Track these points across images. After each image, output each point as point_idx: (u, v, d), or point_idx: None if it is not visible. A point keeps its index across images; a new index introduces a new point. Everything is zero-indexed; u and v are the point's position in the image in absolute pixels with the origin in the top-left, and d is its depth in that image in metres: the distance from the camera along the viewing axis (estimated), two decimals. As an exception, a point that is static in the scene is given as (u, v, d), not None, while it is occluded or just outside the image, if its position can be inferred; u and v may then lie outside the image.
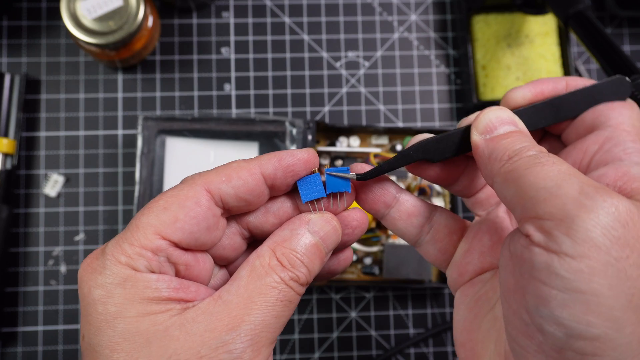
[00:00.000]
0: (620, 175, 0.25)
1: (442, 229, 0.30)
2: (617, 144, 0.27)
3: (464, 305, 0.29)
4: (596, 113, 0.28)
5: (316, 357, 0.54)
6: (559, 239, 0.22)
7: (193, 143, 0.51)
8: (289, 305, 0.26)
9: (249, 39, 0.57)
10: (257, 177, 0.27)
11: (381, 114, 0.57)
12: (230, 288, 0.25)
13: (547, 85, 0.29)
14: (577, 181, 0.23)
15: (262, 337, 0.24)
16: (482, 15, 0.57)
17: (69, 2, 0.49)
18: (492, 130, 0.26)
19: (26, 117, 0.55)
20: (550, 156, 0.24)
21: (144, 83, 0.56)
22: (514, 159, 0.24)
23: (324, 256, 0.28)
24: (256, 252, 0.27)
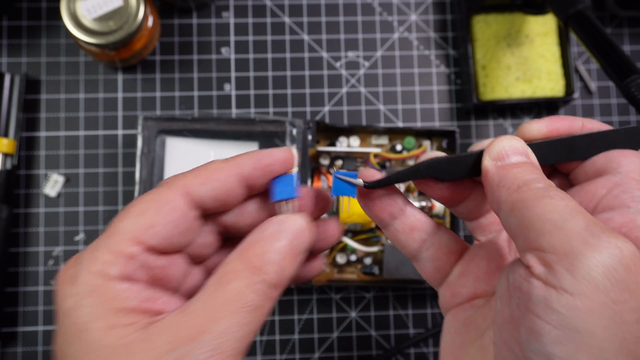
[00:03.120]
0: (626, 222, 0.25)
1: (442, 247, 0.30)
2: (625, 190, 0.26)
3: (453, 329, 0.29)
4: (608, 158, 0.28)
5: (316, 357, 0.54)
6: (559, 274, 0.22)
7: (193, 143, 0.51)
8: (257, 312, 0.25)
9: (249, 39, 0.58)
10: (235, 178, 0.27)
11: (381, 114, 0.57)
12: (197, 297, 0.24)
13: (563, 123, 0.29)
14: (584, 218, 0.22)
15: (226, 347, 0.23)
16: (482, 15, 0.57)
17: (69, 2, 0.49)
18: (504, 157, 0.26)
19: (26, 117, 0.55)
20: (558, 191, 0.24)
21: (144, 83, 0.56)
22: (522, 189, 0.24)
23: (297, 256, 0.27)
24: (226, 258, 0.26)
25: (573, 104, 0.58)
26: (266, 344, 0.54)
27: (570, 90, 0.56)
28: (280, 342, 0.54)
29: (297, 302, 0.55)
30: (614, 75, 0.39)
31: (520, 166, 0.26)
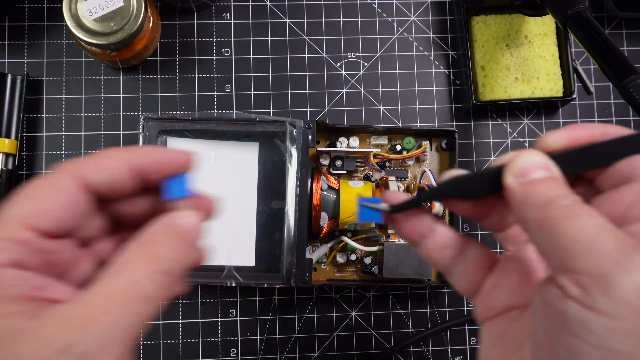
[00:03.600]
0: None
1: (474, 262, 0.30)
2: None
3: (490, 341, 0.29)
4: (632, 164, 0.27)
5: (316, 356, 0.54)
6: (595, 296, 0.22)
7: (194, 143, 0.51)
8: (152, 302, 0.25)
9: (250, 40, 0.58)
10: (127, 168, 0.27)
11: (381, 114, 0.58)
12: (91, 287, 0.24)
13: (583, 132, 0.28)
14: (615, 237, 0.22)
15: (116, 337, 0.23)
16: (481, 16, 0.57)
17: (70, 3, 0.50)
18: (526, 174, 0.26)
19: (27, 117, 0.55)
20: (585, 207, 0.24)
21: (145, 83, 0.57)
22: (549, 207, 0.24)
23: (191, 249, 0.27)
24: (122, 249, 0.26)
25: (572, 104, 0.59)
26: (266, 343, 0.54)
27: (569, 91, 0.56)
28: (280, 341, 0.54)
29: (297, 301, 0.55)
30: (612, 76, 0.40)
31: (544, 182, 0.25)
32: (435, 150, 0.55)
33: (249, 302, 0.55)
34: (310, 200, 0.50)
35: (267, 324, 0.55)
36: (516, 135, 0.58)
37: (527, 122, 0.58)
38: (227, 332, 0.54)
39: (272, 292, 0.55)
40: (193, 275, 0.50)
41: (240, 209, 0.51)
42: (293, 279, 0.49)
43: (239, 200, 0.51)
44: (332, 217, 0.50)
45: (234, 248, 0.51)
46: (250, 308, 0.55)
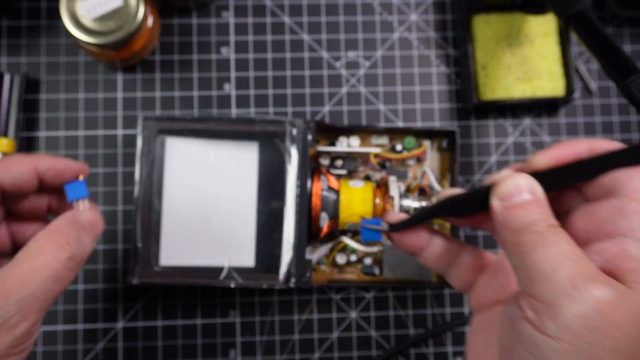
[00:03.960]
0: (618, 253, 0.28)
1: (467, 266, 0.34)
2: (625, 216, 0.28)
3: (477, 329, 0.33)
4: (613, 179, 0.29)
5: (316, 357, 0.54)
6: (544, 321, 0.26)
7: (193, 143, 0.51)
8: (61, 281, 0.33)
9: (249, 39, 0.57)
10: (32, 172, 0.35)
11: (381, 114, 0.57)
12: (9, 266, 0.32)
13: (568, 149, 0.30)
14: (571, 268, 0.26)
15: (31, 306, 0.31)
16: (482, 15, 0.57)
17: (68, 2, 0.49)
18: (509, 198, 0.29)
19: (26, 117, 0.55)
20: (555, 235, 0.27)
21: (144, 83, 0.56)
22: (523, 233, 0.27)
23: (94, 239, 0.36)
24: (34, 237, 0.34)
25: (573, 104, 0.58)
26: (266, 345, 0.54)
27: (571, 90, 0.56)
28: (280, 342, 0.54)
29: (296, 303, 0.55)
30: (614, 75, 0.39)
31: (523, 207, 0.28)
32: (436, 150, 0.55)
33: (248, 303, 0.54)
34: (310, 201, 0.49)
35: (266, 325, 0.54)
36: (517, 135, 0.58)
37: (528, 121, 0.58)
38: (226, 333, 0.54)
39: (271, 293, 0.55)
40: (192, 275, 0.50)
41: (240, 209, 0.51)
42: (293, 279, 0.48)
43: (239, 200, 0.51)
44: (332, 218, 0.50)
45: (233, 249, 0.50)
46: (250, 309, 0.54)
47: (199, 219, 0.51)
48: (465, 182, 0.57)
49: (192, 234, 0.51)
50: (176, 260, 0.50)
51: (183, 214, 0.51)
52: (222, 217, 0.51)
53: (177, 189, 0.51)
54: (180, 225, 0.51)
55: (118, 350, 0.53)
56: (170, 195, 0.51)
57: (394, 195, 0.49)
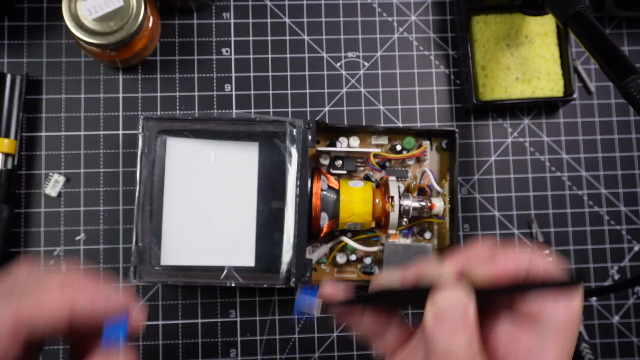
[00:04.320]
0: None
1: (391, 340, 0.36)
2: (542, 355, 0.30)
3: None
4: (540, 310, 0.31)
5: (316, 356, 0.54)
6: None
7: (194, 143, 0.51)
8: None
9: (250, 39, 0.58)
10: (66, 314, 0.30)
11: (381, 114, 0.58)
12: None
13: (508, 267, 0.31)
14: None
15: None
16: (482, 16, 0.57)
17: (69, 3, 0.50)
18: (441, 317, 0.30)
19: (27, 117, 0.55)
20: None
21: (145, 83, 0.56)
22: (445, 357, 0.29)
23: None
24: None
25: (572, 104, 0.59)
26: (266, 344, 0.54)
27: (570, 91, 0.56)
28: (280, 341, 0.54)
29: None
30: (613, 76, 0.40)
31: (452, 333, 0.30)
32: (436, 150, 0.55)
33: (248, 303, 0.55)
34: (310, 200, 0.50)
35: (266, 325, 0.54)
36: (517, 135, 0.58)
37: (527, 121, 0.58)
38: (226, 332, 0.54)
39: (271, 292, 0.55)
40: (193, 275, 0.50)
41: (240, 209, 0.51)
42: (293, 279, 0.49)
43: (239, 200, 0.51)
44: (332, 217, 0.50)
45: (234, 248, 0.51)
46: (250, 308, 0.55)
47: (200, 218, 0.51)
48: (465, 183, 0.57)
49: (193, 234, 0.51)
50: (177, 260, 0.50)
51: (184, 213, 0.51)
52: (222, 216, 0.51)
53: (177, 188, 0.51)
54: (181, 225, 0.51)
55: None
56: (171, 195, 0.51)
57: (394, 195, 0.49)
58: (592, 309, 0.56)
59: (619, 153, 0.58)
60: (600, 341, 0.56)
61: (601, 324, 0.56)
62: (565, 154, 0.58)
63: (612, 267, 0.57)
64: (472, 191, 0.57)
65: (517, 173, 0.58)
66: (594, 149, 0.58)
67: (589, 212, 0.58)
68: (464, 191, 0.57)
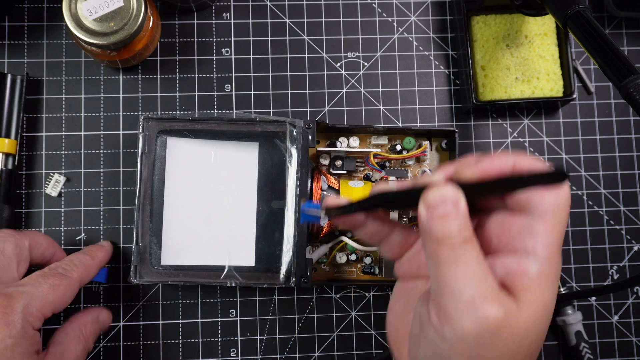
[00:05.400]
0: (518, 270, 0.32)
1: (396, 244, 0.38)
2: (531, 234, 0.32)
3: (397, 295, 0.39)
4: (528, 198, 0.33)
5: (316, 356, 0.54)
6: (444, 329, 0.31)
7: (194, 143, 0.51)
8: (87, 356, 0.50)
9: (250, 40, 0.58)
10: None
11: (381, 114, 0.58)
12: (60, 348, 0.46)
13: (494, 166, 0.33)
14: (473, 288, 0.30)
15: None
16: (482, 16, 0.57)
17: (70, 3, 0.50)
18: (434, 207, 0.32)
19: (27, 117, 0.55)
20: (466, 252, 0.31)
21: (145, 83, 0.57)
22: (440, 244, 0.31)
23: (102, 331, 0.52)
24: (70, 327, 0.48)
25: (572, 104, 0.59)
26: (266, 343, 0.54)
27: (569, 91, 0.56)
28: (280, 341, 0.54)
29: (297, 301, 0.55)
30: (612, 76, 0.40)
31: (444, 218, 0.31)
32: (436, 150, 0.55)
33: (248, 302, 0.55)
34: (311, 200, 0.50)
35: (267, 324, 0.55)
36: (516, 135, 0.58)
37: (527, 122, 0.58)
38: (227, 332, 0.54)
39: (272, 292, 0.55)
40: (193, 275, 0.50)
41: (240, 209, 0.51)
42: (293, 279, 0.49)
43: (239, 200, 0.51)
44: (332, 217, 0.50)
45: (234, 248, 0.51)
46: (250, 308, 0.55)
47: (200, 218, 0.51)
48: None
49: (193, 234, 0.51)
50: (177, 260, 0.51)
51: (184, 213, 0.51)
52: (222, 216, 0.51)
53: (178, 188, 0.51)
54: (181, 225, 0.51)
55: (119, 348, 0.54)
56: (171, 195, 0.51)
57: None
58: (591, 309, 0.57)
59: (618, 153, 0.58)
60: (600, 341, 0.56)
61: (600, 324, 0.56)
62: (564, 154, 0.58)
63: (611, 267, 0.57)
64: (471, 191, 0.57)
65: (517, 173, 0.58)
66: (594, 149, 0.58)
67: (588, 212, 0.58)
68: (464, 191, 0.57)
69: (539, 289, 0.32)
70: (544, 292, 0.32)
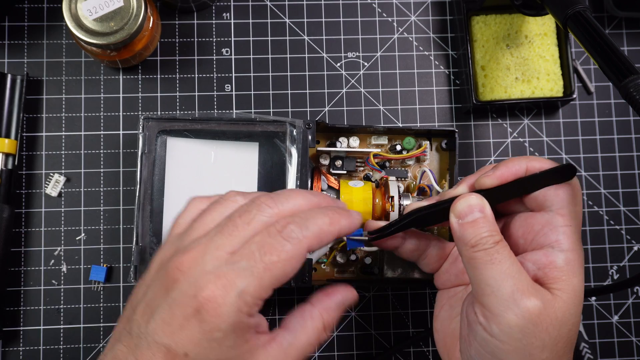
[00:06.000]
0: (547, 263, 0.36)
1: (433, 257, 0.43)
2: (553, 229, 0.36)
3: (442, 304, 0.42)
4: (544, 195, 0.37)
5: (316, 356, 0.54)
6: (492, 327, 0.34)
7: (194, 143, 0.51)
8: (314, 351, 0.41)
9: (250, 40, 0.58)
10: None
11: (381, 114, 0.58)
12: (288, 338, 0.35)
13: (509, 171, 0.38)
14: (511, 285, 0.34)
15: None
16: (482, 16, 0.57)
17: (70, 3, 0.50)
18: (463, 216, 0.36)
19: (27, 117, 0.55)
20: (499, 253, 0.34)
21: (145, 83, 0.57)
22: (475, 249, 0.35)
23: None
24: (310, 313, 0.36)
25: (572, 104, 0.59)
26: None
27: (569, 91, 0.56)
28: (280, 341, 0.54)
29: (297, 301, 0.55)
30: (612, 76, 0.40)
31: (475, 224, 0.35)
32: (435, 150, 0.55)
33: (249, 302, 0.55)
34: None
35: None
36: (516, 135, 0.58)
37: (527, 122, 0.58)
38: (227, 332, 0.54)
39: (272, 292, 0.55)
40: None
41: (240, 209, 0.51)
42: (293, 279, 0.49)
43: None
44: (332, 217, 0.50)
45: (234, 248, 0.51)
46: (250, 308, 0.55)
47: (200, 218, 0.51)
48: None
49: (193, 234, 0.51)
50: (177, 260, 0.50)
51: (184, 213, 0.51)
52: (222, 216, 0.51)
53: (178, 188, 0.51)
54: (181, 225, 0.51)
55: (119, 349, 0.53)
56: (171, 195, 0.51)
57: (394, 195, 0.50)
58: (591, 309, 0.57)
59: (618, 153, 0.58)
60: (600, 341, 0.56)
61: (600, 324, 0.56)
62: (564, 154, 0.58)
63: (611, 267, 0.57)
64: (471, 191, 0.57)
65: (517, 173, 0.58)
66: (594, 149, 0.58)
67: (588, 212, 0.58)
68: (464, 191, 0.57)
69: (568, 276, 0.35)
70: (573, 279, 0.35)
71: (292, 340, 0.35)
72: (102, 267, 0.53)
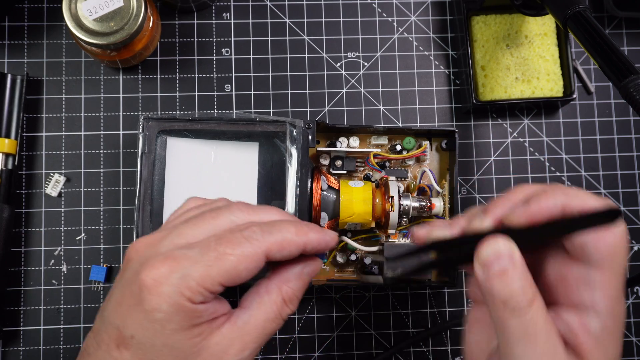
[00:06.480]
0: (580, 327, 0.31)
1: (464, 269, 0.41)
2: (588, 287, 0.31)
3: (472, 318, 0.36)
4: (583, 244, 0.31)
5: (316, 356, 0.54)
6: None
7: (194, 143, 0.51)
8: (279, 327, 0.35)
9: (250, 40, 0.58)
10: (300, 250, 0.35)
11: (381, 114, 0.58)
12: (243, 317, 0.33)
13: (542, 209, 0.32)
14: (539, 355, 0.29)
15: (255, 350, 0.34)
16: (482, 16, 0.57)
17: (70, 3, 0.50)
18: (489, 266, 0.30)
19: (27, 117, 0.55)
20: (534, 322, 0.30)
21: (145, 83, 0.57)
22: (505, 308, 0.30)
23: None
24: (265, 288, 0.34)
25: (572, 104, 0.59)
26: (266, 343, 0.54)
27: (569, 91, 0.56)
28: (280, 341, 0.54)
29: (297, 302, 0.55)
30: (612, 76, 0.40)
31: (504, 277, 0.30)
32: (435, 150, 0.55)
33: (249, 302, 0.55)
34: (310, 200, 0.50)
35: (267, 324, 0.54)
36: (516, 135, 0.58)
37: (527, 122, 0.58)
38: (227, 332, 0.54)
39: (272, 292, 0.55)
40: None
41: (240, 209, 0.51)
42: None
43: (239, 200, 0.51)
44: (332, 217, 0.50)
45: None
46: (250, 308, 0.55)
47: (200, 218, 0.51)
48: (464, 183, 0.57)
49: (193, 234, 0.51)
50: (177, 260, 0.50)
51: (184, 213, 0.51)
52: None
53: (178, 188, 0.51)
54: (181, 225, 0.51)
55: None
56: (171, 195, 0.51)
57: (394, 195, 0.50)
58: (591, 309, 0.56)
59: (618, 153, 0.58)
60: (600, 341, 0.56)
61: (601, 324, 0.56)
62: (564, 154, 0.58)
63: (611, 267, 0.57)
64: (471, 191, 0.57)
65: (517, 173, 0.58)
66: (594, 149, 0.58)
67: (588, 212, 0.58)
68: (464, 191, 0.57)
69: (602, 347, 0.31)
70: (608, 349, 0.31)
71: (248, 319, 0.33)
72: (102, 267, 0.53)
